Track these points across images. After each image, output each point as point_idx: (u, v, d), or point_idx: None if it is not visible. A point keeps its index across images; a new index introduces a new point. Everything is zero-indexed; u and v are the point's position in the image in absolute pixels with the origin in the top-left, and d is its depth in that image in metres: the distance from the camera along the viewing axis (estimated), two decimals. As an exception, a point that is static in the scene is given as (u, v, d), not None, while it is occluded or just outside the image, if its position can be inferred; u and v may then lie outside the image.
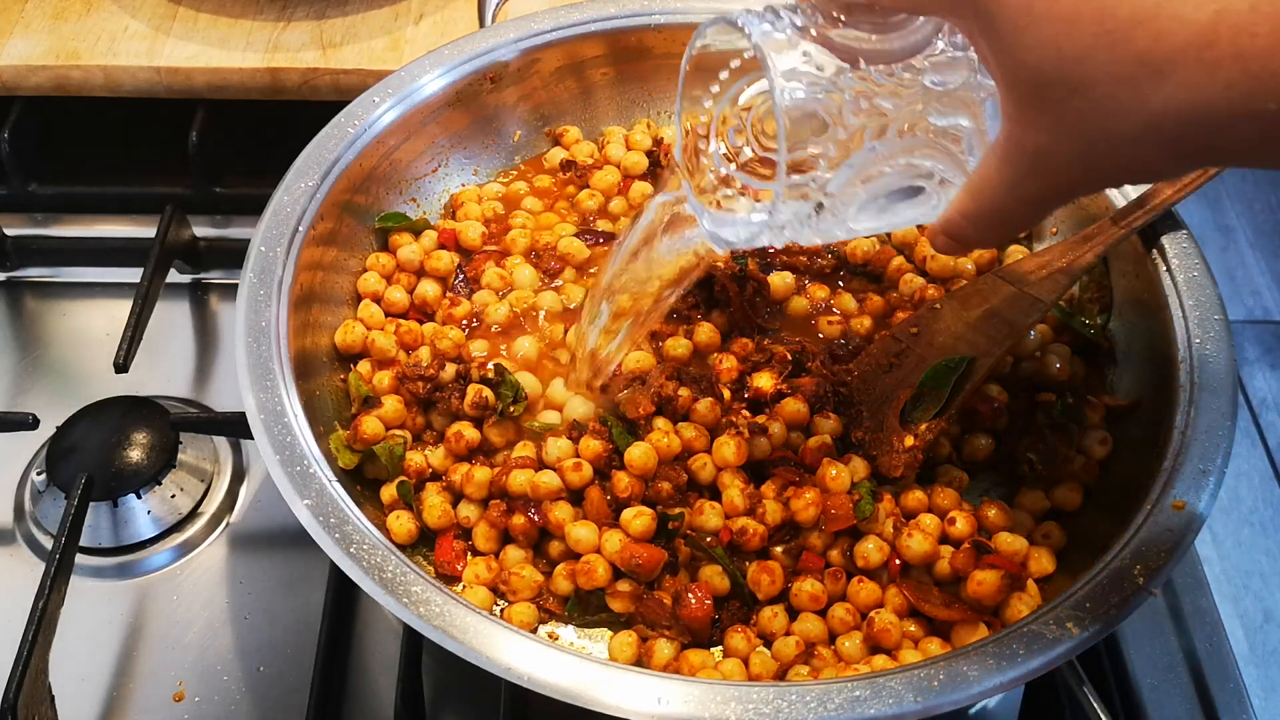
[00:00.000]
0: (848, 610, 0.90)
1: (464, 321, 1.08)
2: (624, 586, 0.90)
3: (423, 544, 0.96)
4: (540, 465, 0.97)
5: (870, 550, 0.92)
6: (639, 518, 0.92)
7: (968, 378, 0.96)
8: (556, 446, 0.96)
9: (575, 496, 0.95)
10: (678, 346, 1.04)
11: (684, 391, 1.00)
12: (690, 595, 0.89)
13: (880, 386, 1.00)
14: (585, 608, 0.92)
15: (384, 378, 1.02)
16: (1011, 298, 0.99)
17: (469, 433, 0.98)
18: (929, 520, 0.94)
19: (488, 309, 1.07)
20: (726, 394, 1.01)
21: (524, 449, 0.98)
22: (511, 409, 0.99)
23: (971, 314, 1.00)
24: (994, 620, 0.88)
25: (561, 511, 0.94)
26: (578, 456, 0.96)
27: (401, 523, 0.94)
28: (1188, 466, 0.87)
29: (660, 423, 0.98)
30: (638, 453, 0.94)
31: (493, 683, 0.77)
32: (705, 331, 1.06)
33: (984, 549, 0.90)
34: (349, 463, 0.96)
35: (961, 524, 0.93)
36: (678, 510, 0.93)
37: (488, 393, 0.98)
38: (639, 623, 0.90)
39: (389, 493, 0.97)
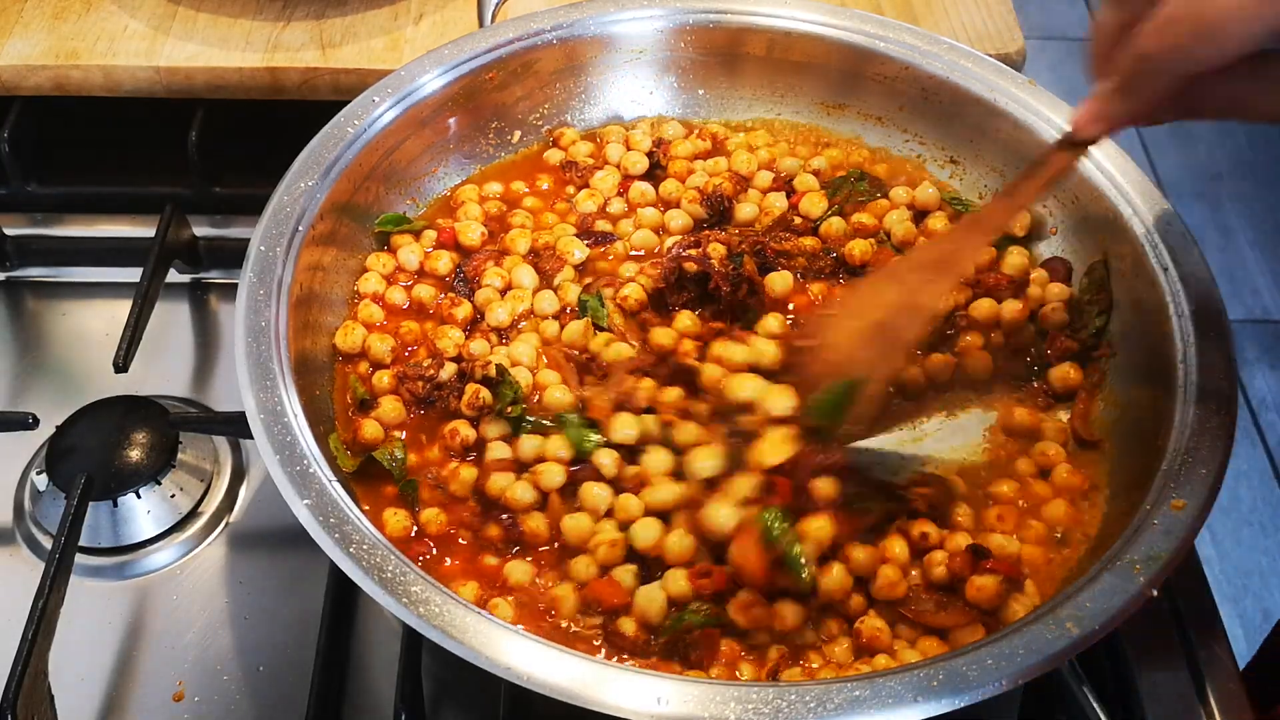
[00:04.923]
0: (835, 622, 0.89)
1: (464, 322, 1.08)
2: (593, 620, 0.89)
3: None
4: (518, 466, 0.97)
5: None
6: (604, 546, 0.90)
7: (853, 402, 0.92)
8: (530, 444, 0.97)
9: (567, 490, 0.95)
10: (661, 335, 1.04)
11: (646, 382, 0.99)
12: (703, 647, 0.87)
13: None
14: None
15: (383, 377, 1.02)
16: (897, 308, 0.94)
17: (465, 430, 0.98)
18: (890, 571, 0.90)
19: (489, 309, 1.08)
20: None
21: (501, 450, 0.97)
22: (510, 409, 0.99)
23: (862, 324, 0.95)
24: (991, 621, 0.88)
25: (536, 522, 0.93)
26: (547, 460, 0.95)
27: (398, 519, 0.93)
28: (1188, 466, 0.87)
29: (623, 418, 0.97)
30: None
31: (493, 683, 0.77)
32: (685, 319, 1.06)
33: (981, 553, 0.90)
34: (350, 466, 0.96)
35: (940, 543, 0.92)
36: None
37: (485, 394, 0.98)
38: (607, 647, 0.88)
39: (390, 491, 0.96)
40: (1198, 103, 0.77)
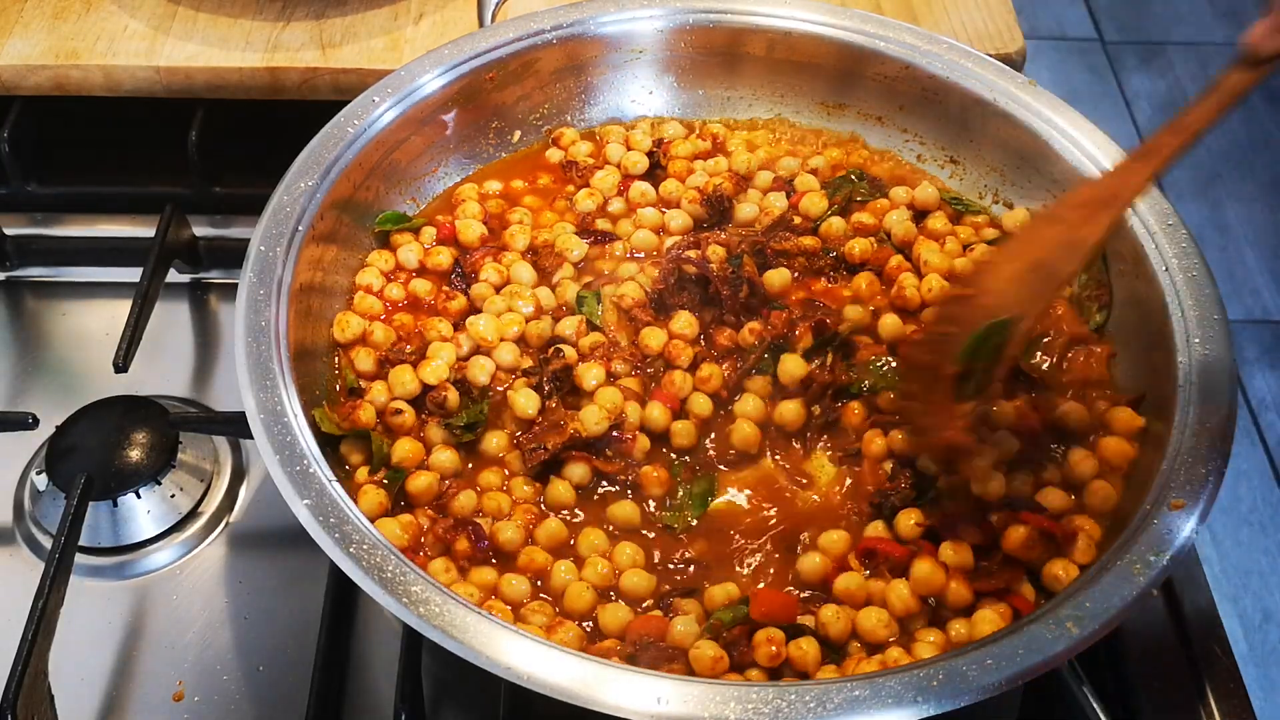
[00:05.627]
0: (840, 613, 0.89)
1: (458, 315, 1.08)
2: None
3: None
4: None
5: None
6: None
7: (1009, 342, 0.89)
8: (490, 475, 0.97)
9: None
10: (650, 336, 1.04)
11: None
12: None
13: (933, 357, 0.92)
14: None
15: (368, 358, 1.02)
16: (1055, 244, 0.89)
17: (405, 410, 0.99)
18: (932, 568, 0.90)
19: (485, 303, 1.07)
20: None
21: (444, 453, 0.97)
22: (462, 433, 0.98)
23: (1019, 265, 0.91)
24: (1025, 593, 0.89)
25: (511, 532, 0.92)
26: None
27: (369, 499, 0.93)
28: (1188, 466, 0.87)
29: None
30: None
31: (493, 683, 0.77)
32: (683, 321, 1.06)
33: (1018, 505, 0.90)
34: (330, 429, 0.95)
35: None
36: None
37: (452, 396, 0.99)
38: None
39: (364, 473, 0.96)
40: None
